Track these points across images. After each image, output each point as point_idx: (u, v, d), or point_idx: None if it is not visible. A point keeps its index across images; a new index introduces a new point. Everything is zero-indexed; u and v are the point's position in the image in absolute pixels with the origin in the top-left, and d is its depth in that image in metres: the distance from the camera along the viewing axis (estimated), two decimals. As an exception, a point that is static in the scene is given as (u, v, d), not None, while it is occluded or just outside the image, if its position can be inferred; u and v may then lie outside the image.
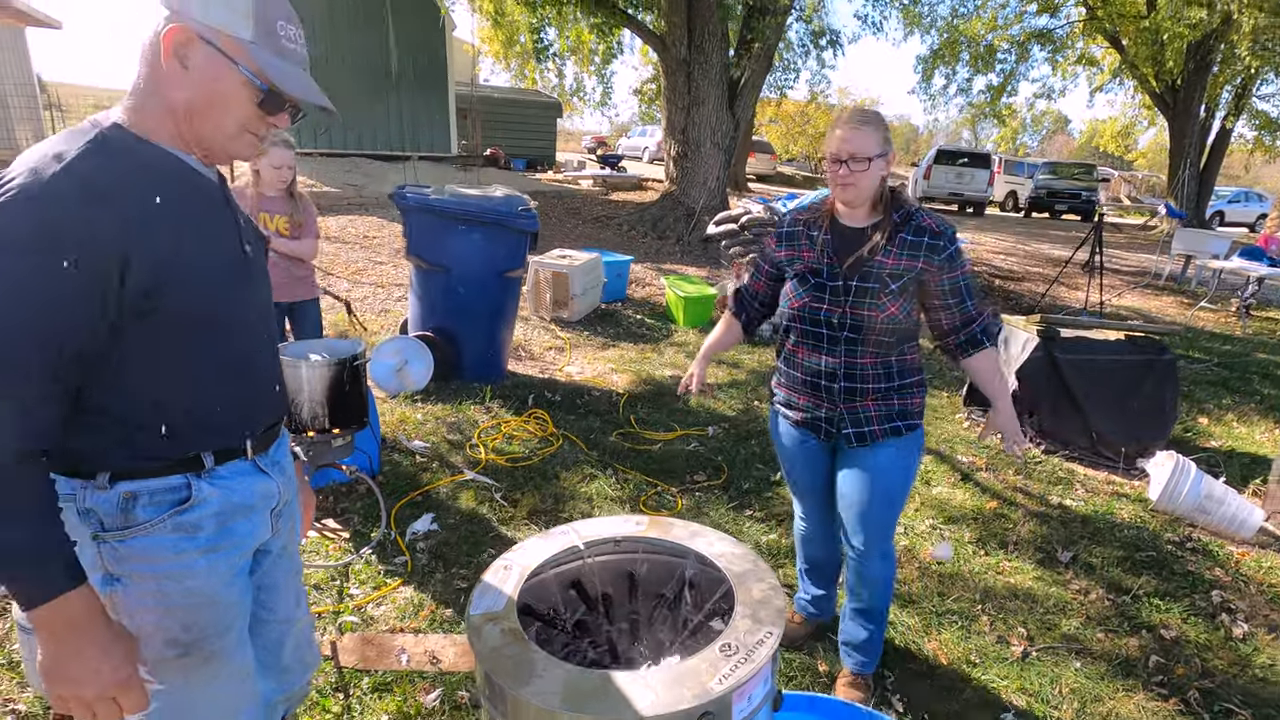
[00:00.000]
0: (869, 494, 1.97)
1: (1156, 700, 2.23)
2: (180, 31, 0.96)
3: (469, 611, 1.15)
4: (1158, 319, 7.97)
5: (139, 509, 1.02)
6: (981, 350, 1.91)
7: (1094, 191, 20.29)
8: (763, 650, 1.04)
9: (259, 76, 1.00)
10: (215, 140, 1.04)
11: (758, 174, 23.20)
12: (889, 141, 1.84)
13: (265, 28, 1.01)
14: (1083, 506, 3.45)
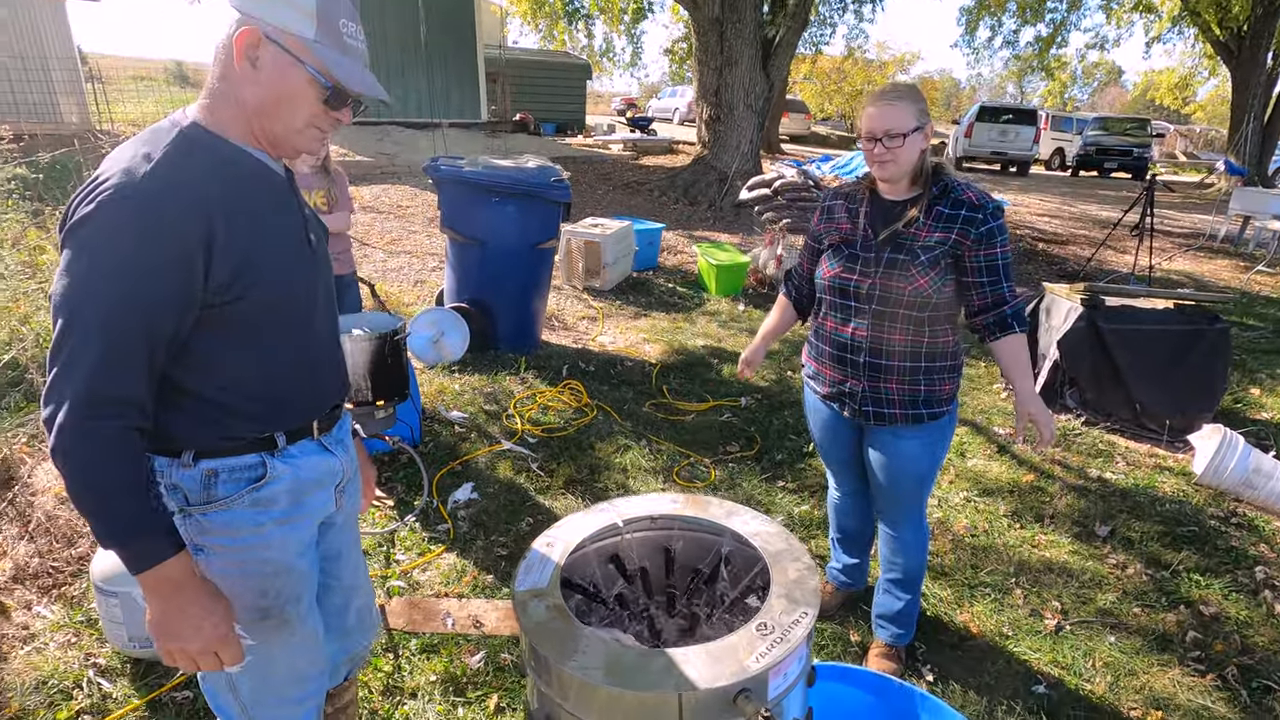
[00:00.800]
0: (898, 477, 2.00)
1: (1193, 675, 2.23)
2: (250, 34, 1.01)
3: (515, 587, 1.20)
4: (1209, 283, 7.66)
5: (219, 485, 1.10)
6: (1010, 335, 1.86)
7: (1147, 148, 19.35)
8: (798, 630, 1.07)
9: (323, 74, 1.05)
10: (283, 136, 1.09)
11: (791, 134, 22.64)
12: (925, 113, 1.80)
13: (328, 26, 1.04)
14: (1123, 480, 3.40)
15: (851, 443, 2.11)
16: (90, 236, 0.94)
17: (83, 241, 0.95)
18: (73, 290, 0.94)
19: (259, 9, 1.02)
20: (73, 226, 0.95)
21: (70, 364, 0.94)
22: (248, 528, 1.13)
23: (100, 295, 0.94)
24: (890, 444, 1.97)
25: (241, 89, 1.05)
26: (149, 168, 0.96)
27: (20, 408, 3.29)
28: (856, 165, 13.83)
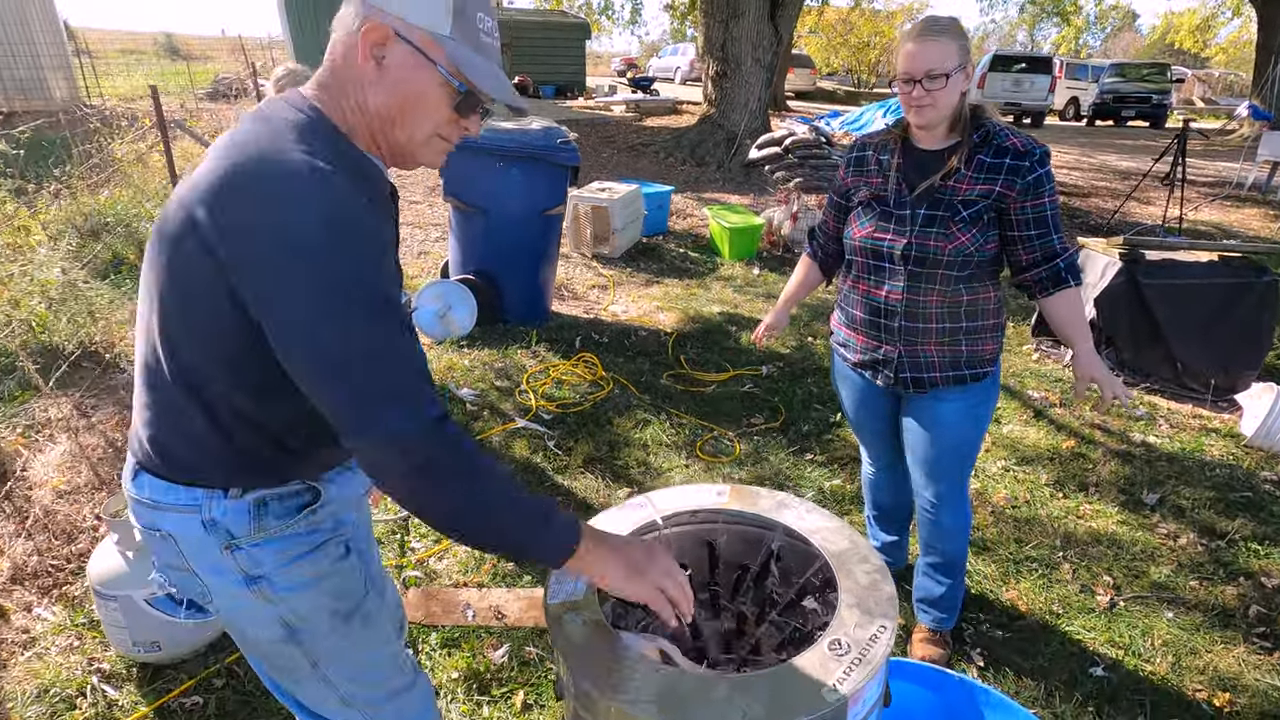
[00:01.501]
0: (937, 448, 1.84)
1: (1259, 654, 2.10)
2: (378, 29, 0.87)
3: (546, 599, 1.06)
4: (1238, 233, 7.38)
5: (270, 516, 0.99)
6: (1064, 289, 1.69)
7: (1167, 94, 18.72)
8: (877, 649, 0.93)
9: (457, 76, 0.90)
10: (405, 146, 0.95)
11: (797, 90, 22.00)
12: (967, 51, 1.60)
13: (465, 21, 0.90)
14: (1168, 444, 3.24)
15: (886, 413, 1.96)
16: (312, 236, 0.80)
17: (306, 244, 0.80)
18: (336, 295, 0.81)
19: (393, 2, 0.87)
20: (275, 235, 0.81)
21: (381, 372, 0.82)
22: (302, 548, 1.02)
23: (368, 283, 0.83)
24: (929, 410, 1.82)
25: (364, 91, 0.91)
26: (325, 168, 0.83)
27: (14, 396, 3.16)
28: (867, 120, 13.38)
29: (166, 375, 0.91)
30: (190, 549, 0.98)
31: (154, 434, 0.96)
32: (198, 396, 0.91)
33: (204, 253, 0.83)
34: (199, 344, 0.89)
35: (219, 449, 0.94)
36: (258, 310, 0.82)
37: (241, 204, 0.81)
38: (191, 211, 0.83)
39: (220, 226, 0.82)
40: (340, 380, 0.82)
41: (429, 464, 0.84)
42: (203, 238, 0.82)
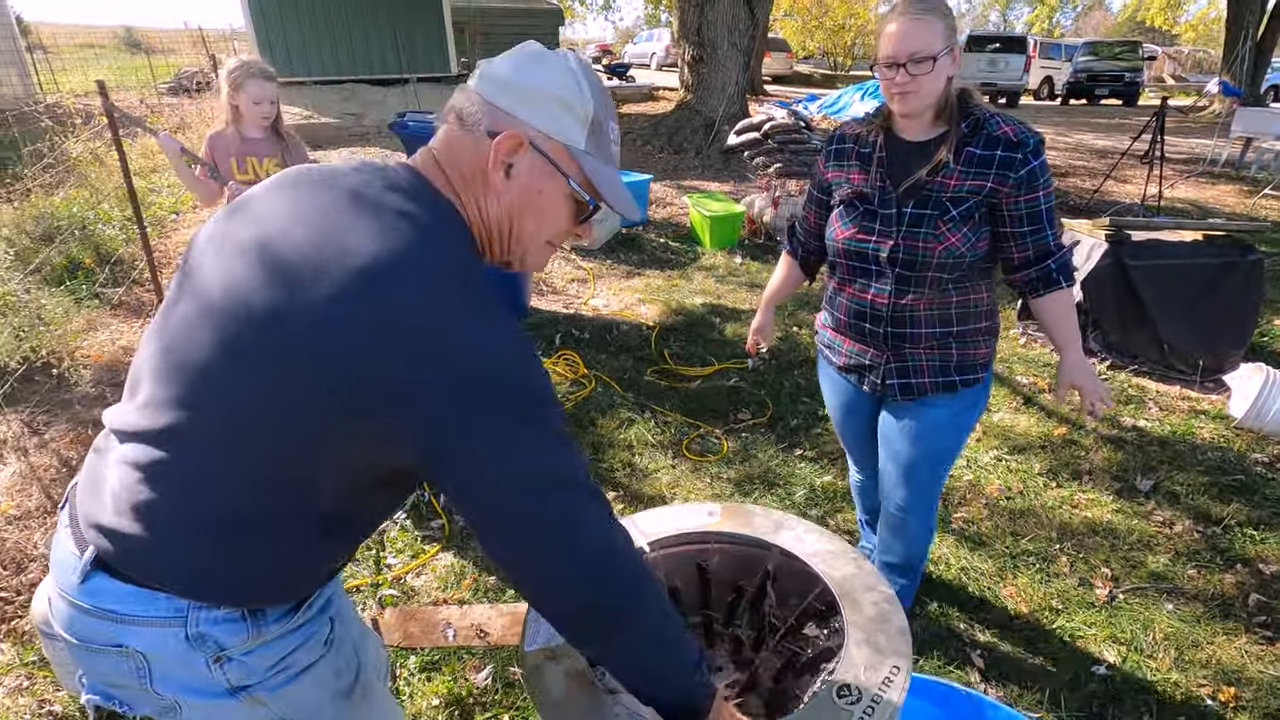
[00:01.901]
0: (916, 454, 1.75)
1: (1261, 644, 2.06)
2: (514, 140, 0.81)
3: (524, 646, 0.96)
4: (1215, 210, 7.41)
5: (268, 621, 0.85)
6: (1055, 290, 1.59)
7: (1138, 72, 18.84)
8: (891, 693, 0.84)
9: (589, 191, 0.86)
10: (515, 253, 0.90)
11: (773, 74, 21.85)
12: (954, 31, 1.48)
13: (599, 132, 0.86)
14: (1158, 427, 3.20)
15: (870, 418, 1.88)
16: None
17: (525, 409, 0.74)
18: (543, 449, 0.75)
19: (527, 111, 0.82)
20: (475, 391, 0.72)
21: (583, 525, 0.76)
22: (296, 641, 0.89)
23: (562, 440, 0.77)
24: (914, 415, 1.71)
25: (486, 197, 0.84)
26: (491, 318, 0.75)
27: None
28: (845, 104, 13.32)
29: (222, 481, 0.77)
30: (164, 668, 0.82)
31: (153, 533, 0.78)
32: (264, 516, 0.79)
33: (342, 372, 0.70)
34: (296, 461, 0.76)
35: (256, 571, 0.81)
36: (439, 473, 0.73)
37: (426, 341, 0.70)
38: (316, 312, 0.70)
39: (393, 365, 0.69)
40: (564, 551, 0.75)
41: (633, 614, 0.79)
42: (338, 353, 0.70)
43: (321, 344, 0.69)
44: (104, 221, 5.10)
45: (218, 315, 0.75)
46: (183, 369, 0.77)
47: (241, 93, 2.62)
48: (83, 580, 0.80)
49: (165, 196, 6.43)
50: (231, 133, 2.71)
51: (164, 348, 0.80)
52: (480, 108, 0.82)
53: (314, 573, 0.87)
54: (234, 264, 0.76)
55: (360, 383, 0.69)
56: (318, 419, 0.72)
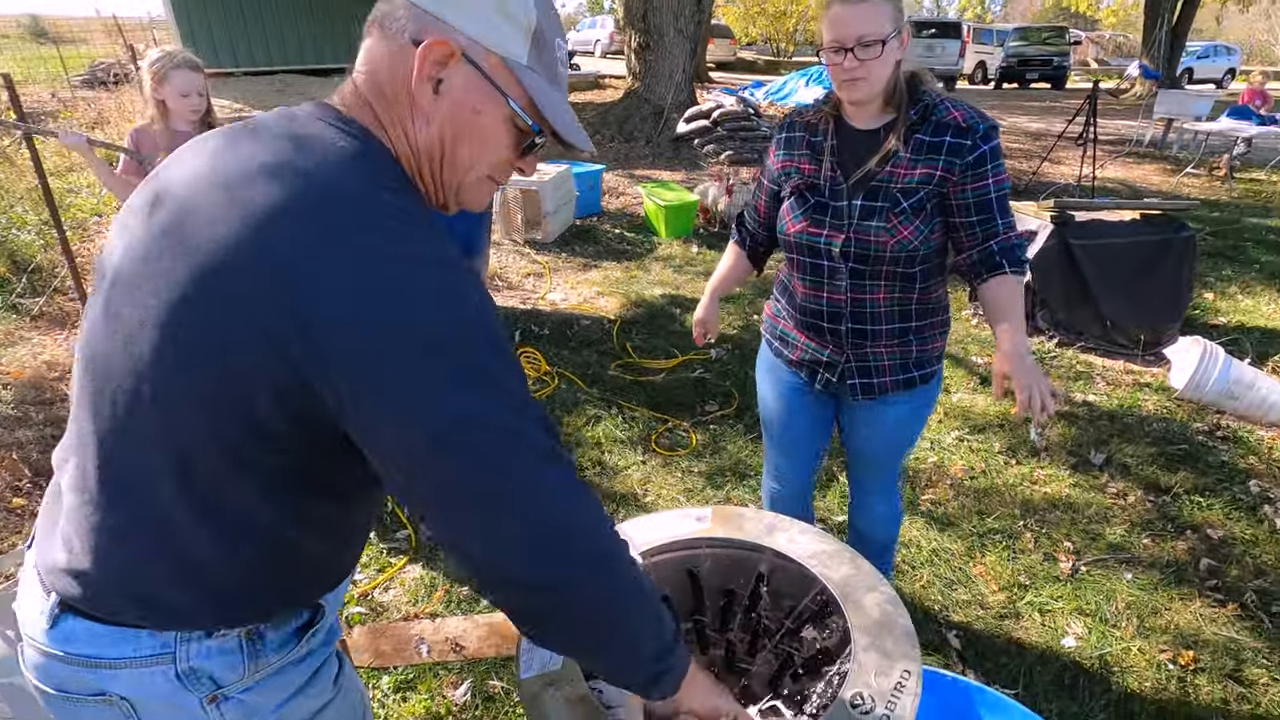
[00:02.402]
0: (878, 449, 1.75)
1: (1213, 606, 2.16)
2: (442, 46, 0.69)
3: (519, 673, 0.91)
4: (1144, 189, 7.76)
5: (268, 649, 0.76)
6: (998, 275, 1.46)
7: (1066, 57, 19.60)
8: (904, 700, 0.82)
9: (531, 113, 0.74)
10: (450, 184, 0.77)
11: (717, 61, 21.90)
12: (902, 12, 1.42)
13: (544, 47, 0.75)
14: (1106, 401, 3.33)
15: (816, 416, 1.79)
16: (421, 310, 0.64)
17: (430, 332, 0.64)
18: (487, 391, 0.65)
19: (458, 15, 0.70)
20: (392, 322, 0.63)
21: (537, 472, 0.67)
22: (302, 676, 0.80)
23: (514, 377, 0.68)
24: (874, 414, 1.68)
25: (411, 119, 0.73)
26: (423, 227, 0.66)
27: None
28: (791, 90, 13.43)
29: (159, 488, 0.68)
30: (153, 713, 0.73)
31: (108, 565, 0.70)
32: (215, 517, 0.69)
33: (262, 334, 0.62)
34: (230, 449, 0.66)
35: (227, 581, 0.72)
36: (358, 420, 0.64)
37: (339, 281, 0.61)
38: (241, 270, 0.62)
39: (304, 308, 0.61)
40: (500, 513, 0.65)
41: (595, 603, 0.70)
42: (265, 313, 0.61)
43: (227, 298, 0.62)
44: (18, 226, 4.75)
45: (118, 300, 0.68)
46: (94, 368, 0.70)
47: (166, 86, 2.44)
48: (51, 625, 0.71)
49: (86, 198, 6.03)
50: (159, 129, 2.53)
51: (87, 356, 0.73)
52: (405, 11, 0.71)
53: (298, 573, 0.77)
54: (130, 247, 0.69)
55: (271, 333, 0.61)
56: (232, 387, 0.63)
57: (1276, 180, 8.32)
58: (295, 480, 0.70)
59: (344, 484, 0.74)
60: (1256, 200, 7.41)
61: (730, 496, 2.68)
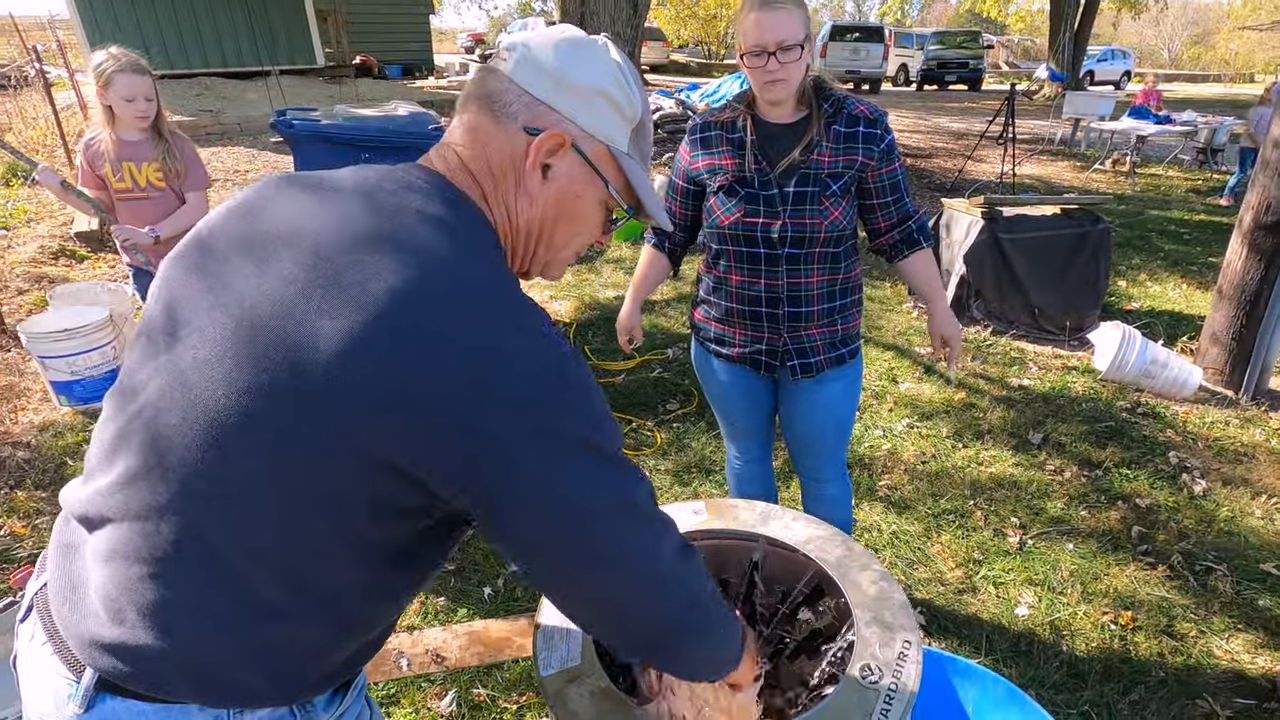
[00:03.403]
0: (822, 427, 1.85)
1: (1145, 569, 2.34)
2: (557, 137, 0.73)
3: (539, 671, 0.93)
4: (1059, 185, 8.27)
5: (317, 710, 0.75)
6: (918, 250, 1.73)
7: (981, 60, 20.64)
8: (908, 667, 0.88)
9: (626, 197, 0.79)
10: (541, 260, 0.81)
11: (651, 64, 22.11)
12: (809, 21, 1.55)
13: (641, 133, 0.79)
14: (1039, 384, 3.55)
15: (766, 403, 1.91)
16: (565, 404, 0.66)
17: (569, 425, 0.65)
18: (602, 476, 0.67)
19: (570, 104, 0.73)
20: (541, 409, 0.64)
21: (654, 553, 0.71)
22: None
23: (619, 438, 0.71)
24: (812, 393, 1.79)
25: (517, 200, 0.75)
26: (544, 329, 0.67)
27: None
28: (726, 92, 13.66)
29: (251, 566, 0.65)
30: None
31: (173, 641, 0.66)
32: (304, 594, 0.67)
33: (407, 440, 0.61)
34: (343, 528, 0.65)
35: (297, 659, 0.70)
36: (496, 524, 0.66)
37: (493, 391, 0.61)
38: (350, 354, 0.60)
39: (465, 417, 0.61)
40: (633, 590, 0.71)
41: (704, 639, 0.79)
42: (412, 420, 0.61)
43: (347, 384, 0.59)
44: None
45: (201, 374, 0.64)
46: (168, 429, 0.65)
47: (111, 90, 2.34)
48: (87, 708, 0.66)
49: None
50: (107, 136, 2.42)
51: (139, 409, 0.67)
52: (518, 98, 0.72)
53: (363, 648, 0.77)
54: (218, 311, 0.65)
55: (394, 426, 0.60)
56: (350, 471, 0.62)
57: (1173, 175, 9.02)
58: (391, 551, 0.69)
59: (431, 553, 0.74)
60: (1157, 194, 8.01)
61: (698, 492, 2.73)
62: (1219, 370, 3.48)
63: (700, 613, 0.76)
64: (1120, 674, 1.95)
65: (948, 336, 1.77)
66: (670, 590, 0.72)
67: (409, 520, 0.67)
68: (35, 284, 4.44)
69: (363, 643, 0.76)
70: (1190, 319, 4.28)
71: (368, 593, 0.71)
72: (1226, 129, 9.05)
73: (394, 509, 0.65)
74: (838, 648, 1.00)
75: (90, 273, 4.79)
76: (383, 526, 0.66)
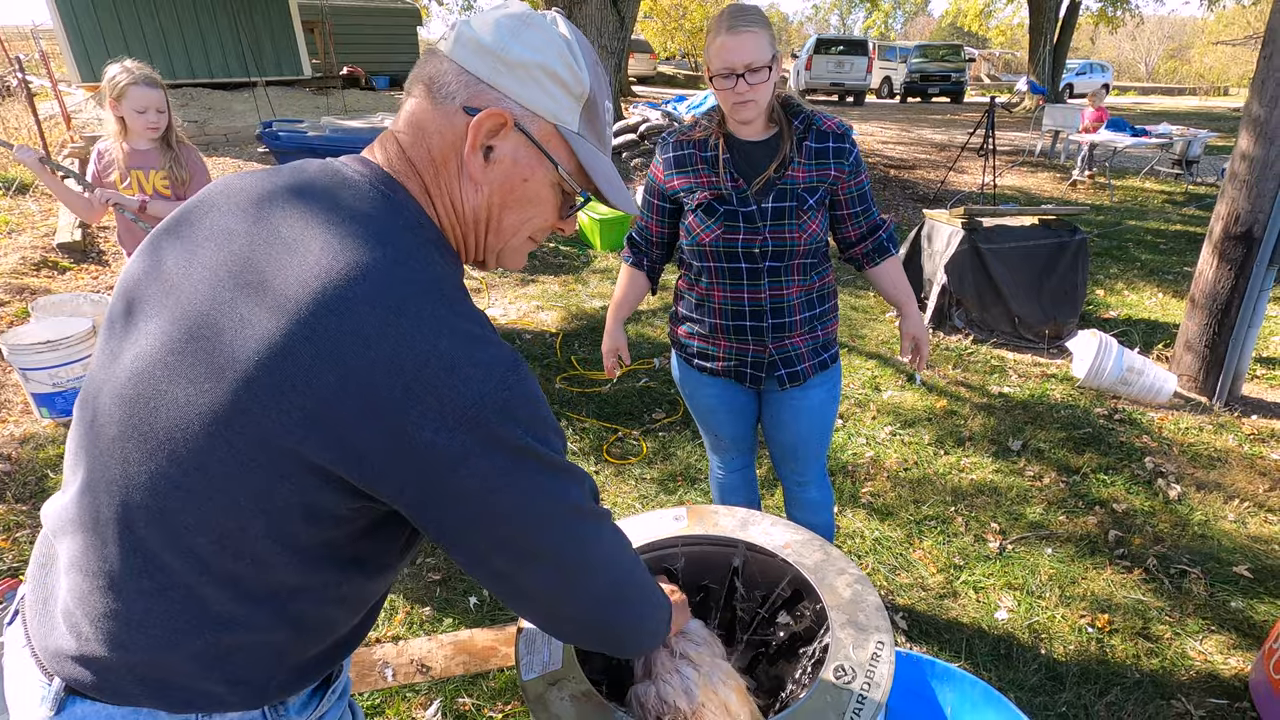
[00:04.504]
0: (805, 434, 1.89)
1: (1122, 573, 2.38)
2: (497, 116, 0.68)
3: (521, 675, 0.94)
4: (1039, 196, 8.41)
5: (290, 712, 0.75)
6: (888, 258, 1.82)
7: (963, 72, 20.96)
8: (881, 667, 0.90)
9: (579, 179, 0.74)
10: (494, 248, 0.77)
11: (638, 75, 22.28)
12: (774, 41, 1.58)
13: (593, 111, 0.74)
14: (1019, 392, 3.60)
15: (750, 413, 1.94)
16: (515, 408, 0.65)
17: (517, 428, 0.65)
18: (550, 498, 0.68)
19: (512, 83, 0.69)
20: (486, 413, 0.62)
21: (594, 553, 0.74)
22: None
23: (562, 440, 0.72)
24: (797, 400, 1.83)
25: (458, 185, 0.71)
26: (480, 333, 0.65)
27: None
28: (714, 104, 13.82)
29: (195, 575, 0.64)
30: None
31: (126, 652, 0.66)
32: (252, 601, 0.66)
33: (337, 440, 0.60)
34: (280, 533, 0.64)
35: (257, 665, 0.69)
36: (430, 519, 0.65)
37: (420, 390, 0.60)
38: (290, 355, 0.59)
39: (388, 417, 0.59)
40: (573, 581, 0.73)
41: (639, 624, 0.84)
42: (340, 419, 0.59)
43: (271, 393, 0.59)
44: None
45: (148, 376, 0.64)
46: (108, 442, 0.66)
47: (123, 102, 2.39)
48: (57, 710, 0.67)
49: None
50: (119, 145, 2.48)
51: (92, 418, 0.68)
52: (456, 78, 0.69)
53: (332, 648, 0.76)
54: (158, 312, 0.66)
55: (321, 434, 0.59)
56: (283, 478, 0.61)
57: (1149, 186, 9.19)
58: (338, 555, 0.69)
59: (384, 556, 0.74)
60: (1134, 204, 8.17)
61: (683, 500, 2.75)
62: (1193, 377, 3.55)
63: (636, 597, 0.80)
64: (1097, 676, 1.99)
65: (918, 337, 1.85)
66: (608, 584, 0.75)
67: (347, 524, 0.66)
68: (17, 295, 4.40)
69: (330, 643, 0.75)
70: (1166, 327, 4.36)
71: (322, 596, 0.70)
72: (1202, 141, 9.24)
73: (330, 514, 0.64)
74: (814, 650, 1.02)
75: (73, 284, 4.76)
76: (321, 531, 0.65)
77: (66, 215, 5.50)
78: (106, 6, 10.71)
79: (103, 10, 10.72)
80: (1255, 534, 2.57)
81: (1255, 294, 3.25)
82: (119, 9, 10.84)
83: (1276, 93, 3.09)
